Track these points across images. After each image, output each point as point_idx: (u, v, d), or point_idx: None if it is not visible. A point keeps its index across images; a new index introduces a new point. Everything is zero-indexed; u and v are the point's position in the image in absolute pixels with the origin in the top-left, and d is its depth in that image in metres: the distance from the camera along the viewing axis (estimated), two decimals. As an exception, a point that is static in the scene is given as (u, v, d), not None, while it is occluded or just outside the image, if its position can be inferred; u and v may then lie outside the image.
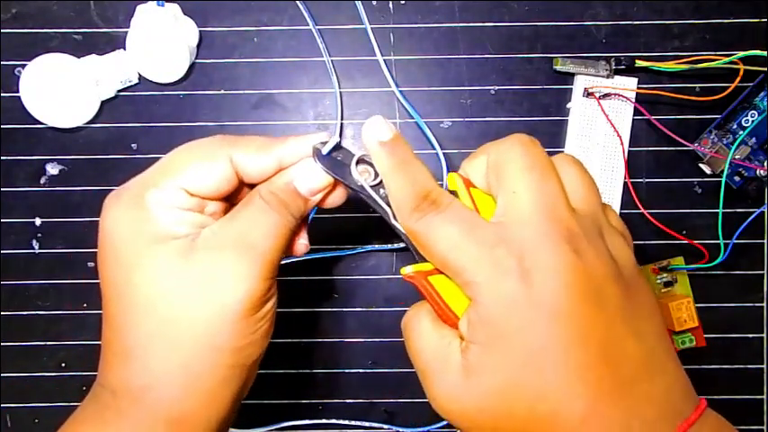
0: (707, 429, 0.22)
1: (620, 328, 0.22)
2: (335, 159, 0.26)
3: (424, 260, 0.25)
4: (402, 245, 0.40)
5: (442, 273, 0.24)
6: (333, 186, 0.28)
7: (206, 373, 0.24)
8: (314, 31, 0.40)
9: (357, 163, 0.26)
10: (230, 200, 0.28)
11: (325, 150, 0.26)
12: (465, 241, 0.22)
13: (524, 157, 0.23)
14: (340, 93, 0.40)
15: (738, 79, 0.38)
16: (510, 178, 0.23)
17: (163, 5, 0.38)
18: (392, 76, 0.40)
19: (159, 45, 0.38)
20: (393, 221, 0.26)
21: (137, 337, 0.24)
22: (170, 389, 0.24)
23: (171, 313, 0.24)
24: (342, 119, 0.41)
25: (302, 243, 0.29)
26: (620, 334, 0.22)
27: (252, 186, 0.28)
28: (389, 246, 0.41)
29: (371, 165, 0.26)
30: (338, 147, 0.27)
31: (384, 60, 0.40)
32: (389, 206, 0.25)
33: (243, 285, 0.24)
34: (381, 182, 0.25)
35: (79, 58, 0.39)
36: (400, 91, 0.40)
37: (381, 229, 0.41)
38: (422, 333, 0.25)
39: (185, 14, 0.40)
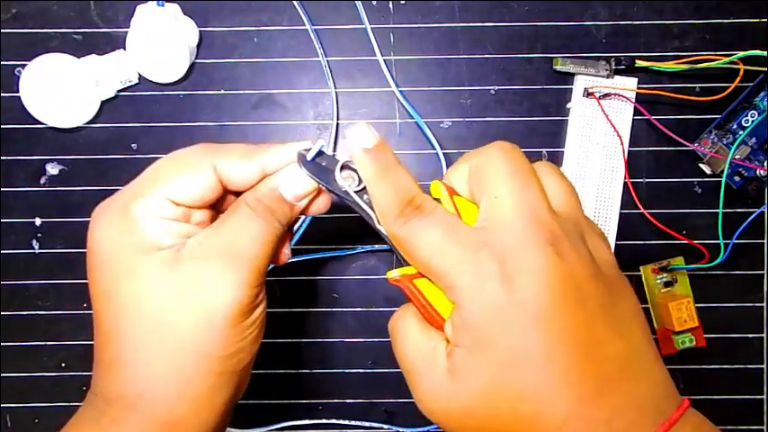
0: (689, 429, 0.22)
1: (602, 329, 0.22)
2: (320, 165, 0.27)
3: (410, 264, 0.25)
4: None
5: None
6: (317, 193, 0.28)
7: (195, 380, 0.25)
8: (310, 31, 0.40)
9: (341, 169, 0.26)
10: (216, 207, 0.28)
11: (309, 156, 0.26)
12: (447, 245, 0.23)
13: (506, 163, 0.23)
14: (336, 93, 0.40)
15: (738, 79, 0.38)
16: (492, 183, 0.23)
17: (163, 5, 0.38)
18: (392, 76, 0.40)
19: (159, 45, 0.38)
20: (377, 226, 0.26)
21: (126, 345, 0.24)
22: (161, 396, 0.24)
23: (159, 322, 0.24)
24: (338, 119, 0.41)
25: (285, 253, 0.29)
26: (602, 334, 0.22)
27: (237, 194, 0.28)
28: (388, 246, 0.41)
29: (355, 171, 0.26)
30: (321, 153, 0.27)
31: (384, 60, 0.40)
32: (374, 211, 0.26)
33: (230, 293, 0.24)
34: (365, 187, 0.26)
35: (79, 58, 0.39)
36: (400, 91, 0.40)
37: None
38: (408, 335, 0.25)
39: (185, 14, 0.40)
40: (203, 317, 0.24)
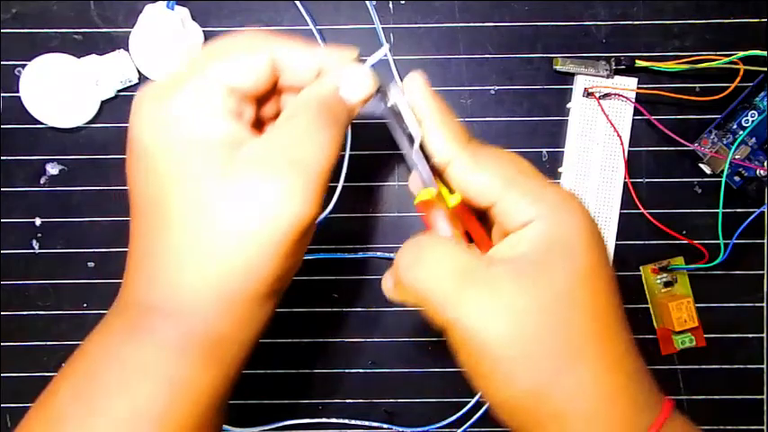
0: (679, 424, 0.23)
1: (622, 309, 0.24)
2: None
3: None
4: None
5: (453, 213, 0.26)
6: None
7: (241, 299, 0.23)
8: (314, 30, 0.40)
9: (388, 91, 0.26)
10: (261, 104, 0.26)
11: (370, 62, 0.26)
12: (532, 170, 0.25)
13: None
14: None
15: (738, 79, 0.38)
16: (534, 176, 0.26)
17: (173, 8, 0.37)
18: (397, 76, 0.40)
19: (163, 47, 0.38)
20: (416, 148, 0.26)
21: (171, 254, 0.22)
22: (204, 310, 0.22)
23: (209, 232, 0.22)
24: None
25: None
26: (623, 312, 0.24)
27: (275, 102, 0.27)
28: (390, 255, 0.41)
29: (402, 107, 0.26)
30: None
31: (384, 60, 0.40)
32: (414, 134, 0.26)
33: (295, 208, 0.22)
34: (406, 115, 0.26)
35: (79, 58, 0.39)
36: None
37: (382, 230, 0.41)
38: (446, 248, 0.23)
39: (193, 19, 0.39)
40: (261, 233, 0.22)
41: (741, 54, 0.38)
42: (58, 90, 0.38)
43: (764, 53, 0.37)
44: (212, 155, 0.22)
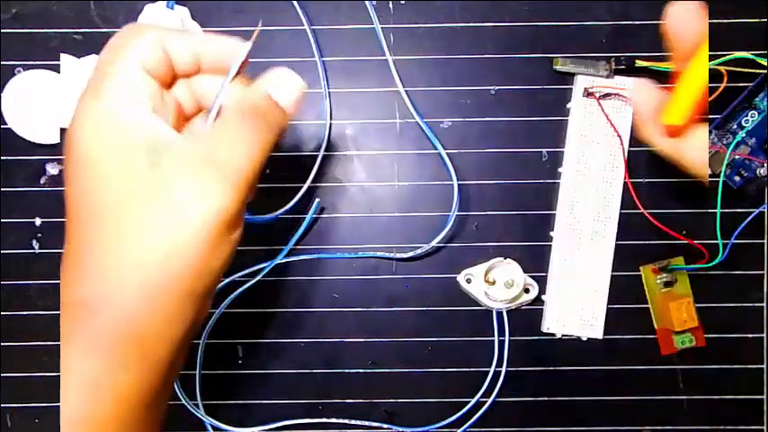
0: None
1: None
2: None
3: None
4: (401, 255, 0.40)
5: None
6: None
7: (162, 294, 0.23)
8: (308, 31, 0.40)
9: None
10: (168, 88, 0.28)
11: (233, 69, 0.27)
12: None
13: None
14: (329, 93, 0.40)
15: (736, 80, 0.38)
16: None
17: (172, 8, 0.38)
18: (396, 77, 0.40)
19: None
20: None
21: (96, 249, 0.23)
22: (126, 305, 0.23)
23: (133, 226, 0.23)
24: (331, 119, 0.41)
25: None
26: None
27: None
28: (389, 255, 0.41)
29: None
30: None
31: (387, 60, 0.40)
32: None
33: (215, 205, 0.23)
34: None
35: (79, 58, 0.39)
36: (405, 90, 0.40)
37: (382, 230, 0.41)
38: None
39: (194, 19, 0.39)
40: (181, 229, 0.23)
41: (739, 54, 0.38)
42: (45, 106, 0.38)
43: (763, 54, 0.37)
44: (140, 150, 0.23)
